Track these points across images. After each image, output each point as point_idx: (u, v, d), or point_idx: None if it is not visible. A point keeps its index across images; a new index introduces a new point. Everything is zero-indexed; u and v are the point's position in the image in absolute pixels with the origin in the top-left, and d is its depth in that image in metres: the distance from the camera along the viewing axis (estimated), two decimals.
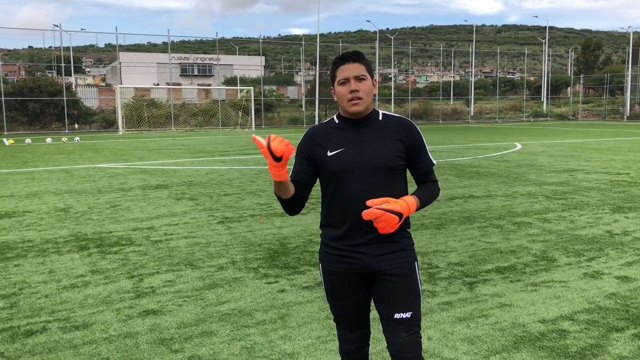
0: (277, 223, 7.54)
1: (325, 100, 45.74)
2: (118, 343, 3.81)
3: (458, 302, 4.54)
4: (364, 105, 2.45)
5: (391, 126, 2.52)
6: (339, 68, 2.45)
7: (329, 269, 2.57)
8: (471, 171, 13.22)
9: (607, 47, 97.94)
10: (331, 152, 2.47)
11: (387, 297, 2.47)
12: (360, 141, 2.47)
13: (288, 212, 2.62)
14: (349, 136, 2.49)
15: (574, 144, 21.90)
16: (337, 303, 2.61)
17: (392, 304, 2.46)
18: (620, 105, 54.42)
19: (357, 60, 2.45)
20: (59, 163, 16.34)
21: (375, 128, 2.51)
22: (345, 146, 2.47)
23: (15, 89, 37.32)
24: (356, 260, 2.48)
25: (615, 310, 4.32)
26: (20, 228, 7.50)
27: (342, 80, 2.44)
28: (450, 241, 6.54)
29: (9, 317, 4.32)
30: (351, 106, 2.44)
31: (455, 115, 52.29)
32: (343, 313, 2.62)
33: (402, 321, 2.45)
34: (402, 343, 2.43)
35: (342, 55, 2.49)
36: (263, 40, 55.68)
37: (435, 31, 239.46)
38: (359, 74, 2.43)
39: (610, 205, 8.74)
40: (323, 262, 2.61)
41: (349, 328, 2.65)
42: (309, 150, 2.54)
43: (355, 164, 2.44)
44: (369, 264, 2.47)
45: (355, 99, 2.43)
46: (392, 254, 2.48)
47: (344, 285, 2.55)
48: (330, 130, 2.54)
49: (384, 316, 2.50)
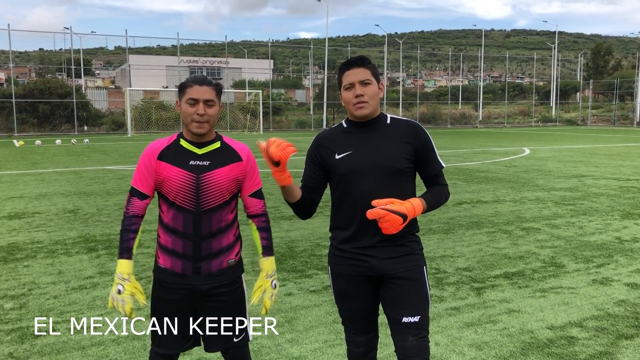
0: (285, 226, 7.54)
1: (334, 103, 45.78)
2: (126, 345, 3.83)
3: (466, 307, 4.52)
4: (369, 108, 2.48)
5: (399, 129, 2.54)
6: (345, 73, 2.50)
7: (337, 272, 2.59)
8: (479, 176, 13.18)
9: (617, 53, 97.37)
10: (339, 155, 2.51)
11: (395, 301, 2.48)
12: (368, 144, 2.50)
13: (299, 216, 2.66)
14: (356, 139, 2.52)
15: (583, 150, 21.78)
16: (345, 306, 2.62)
17: (400, 308, 2.46)
18: (630, 110, 54.11)
19: (362, 65, 2.49)
20: (69, 165, 16.45)
21: (383, 131, 2.53)
22: (353, 149, 2.50)
23: (25, 91, 37.67)
24: (365, 263, 2.49)
25: (624, 318, 4.28)
26: (29, 229, 7.55)
27: (348, 86, 2.49)
28: (458, 246, 6.52)
29: (18, 317, 4.35)
30: (356, 110, 2.48)
31: (463, 119, 52.18)
32: (351, 316, 2.63)
33: (410, 325, 2.44)
34: (410, 347, 2.42)
35: (347, 61, 2.53)
36: (272, 44, 55.78)
37: (444, 35, 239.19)
38: (364, 79, 2.47)
39: (619, 211, 8.68)
40: (332, 264, 2.62)
41: (357, 331, 2.64)
42: (317, 155, 2.58)
43: (363, 166, 2.47)
44: (377, 267, 2.48)
45: (361, 103, 2.47)
46: (401, 257, 2.49)
47: (353, 288, 2.55)
48: (339, 134, 2.58)
49: (392, 320, 2.50)
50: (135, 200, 2.52)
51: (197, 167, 2.49)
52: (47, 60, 66.12)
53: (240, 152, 2.59)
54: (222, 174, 2.51)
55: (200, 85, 2.46)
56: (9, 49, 38.75)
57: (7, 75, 50.75)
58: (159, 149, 2.53)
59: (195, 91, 2.45)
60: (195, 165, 2.49)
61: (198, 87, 2.45)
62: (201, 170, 2.49)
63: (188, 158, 2.50)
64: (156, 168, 2.50)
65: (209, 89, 2.47)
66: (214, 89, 2.49)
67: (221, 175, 2.51)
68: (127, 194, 2.59)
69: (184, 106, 2.47)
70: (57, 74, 56.02)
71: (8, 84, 41.84)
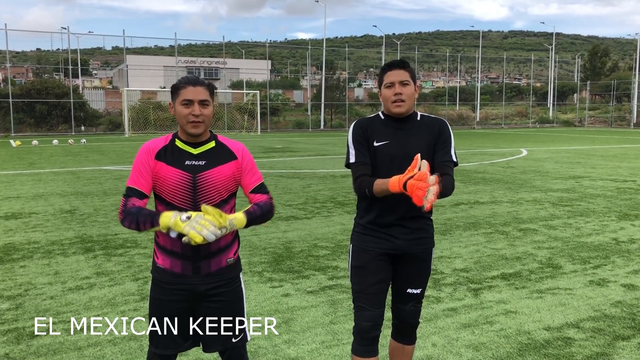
0: (282, 227, 7.54)
1: (331, 104, 45.79)
2: (122, 345, 3.82)
3: (463, 308, 4.53)
4: (405, 107, 2.76)
5: (428, 125, 2.84)
6: (387, 73, 2.77)
7: (362, 248, 2.83)
8: (477, 177, 13.20)
9: (614, 54, 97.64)
10: (378, 143, 2.78)
11: (406, 276, 2.85)
12: (402, 137, 2.79)
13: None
14: (392, 131, 2.80)
15: (580, 151, 21.83)
16: (362, 279, 2.82)
17: (408, 282, 2.85)
18: (626, 112, 54.23)
19: (403, 68, 2.77)
20: (65, 165, 16.42)
21: (415, 126, 2.82)
22: (389, 139, 2.78)
23: (22, 91, 37.59)
24: (389, 242, 2.78)
25: (621, 319, 4.29)
26: (26, 229, 7.53)
27: (388, 84, 2.75)
28: (455, 247, 6.52)
29: (15, 318, 4.34)
30: (395, 107, 2.75)
31: (461, 120, 52.22)
32: (366, 289, 2.81)
33: (412, 295, 2.87)
34: (408, 311, 2.88)
35: (390, 63, 2.82)
36: (269, 44, 55.72)
37: (442, 36, 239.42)
38: (403, 79, 2.74)
39: (616, 212, 8.70)
40: (356, 242, 2.86)
41: (368, 303, 2.81)
42: (364, 138, 2.80)
43: (396, 155, 2.74)
44: (400, 246, 2.78)
45: (399, 101, 2.74)
46: (420, 239, 2.82)
47: (373, 263, 2.79)
48: (377, 124, 2.84)
49: (396, 288, 2.89)
50: (134, 199, 2.45)
51: (193, 167, 2.49)
52: (45, 60, 66.00)
53: (235, 150, 2.60)
54: (218, 173, 2.52)
55: (194, 86, 2.46)
56: (6, 48, 38.73)
57: (4, 75, 50.68)
58: (156, 148, 2.52)
59: (189, 92, 2.45)
60: (191, 165, 2.49)
61: (192, 88, 2.45)
62: (197, 170, 2.49)
63: (184, 158, 2.50)
64: (153, 167, 2.49)
65: (202, 89, 2.47)
66: (207, 88, 2.50)
67: (217, 174, 2.51)
68: (122, 199, 2.49)
69: (179, 108, 2.47)
70: (55, 74, 55.91)
71: (5, 84, 41.82)
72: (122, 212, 2.45)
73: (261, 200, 2.59)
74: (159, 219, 2.34)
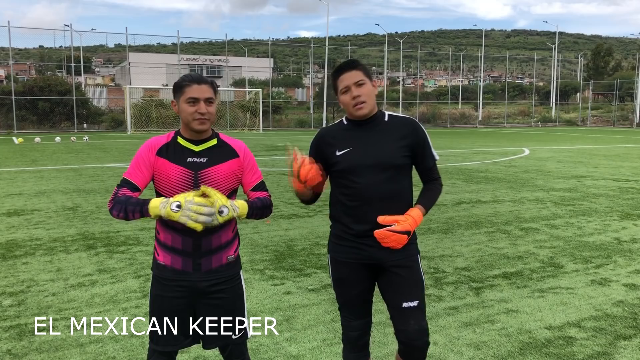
0: (284, 225, 7.54)
1: (334, 102, 45.76)
2: (124, 342, 3.82)
3: (464, 307, 4.53)
4: (368, 107, 2.61)
5: (397, 126, 2.67)
6: (339, 78, 2.63)
7: (338, 259, 2.73)
8: (479, 176, 13.19)
9: (618, 53, 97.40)
10: (340, 152, 2.64)
11: (394, 288, 2.65)
12: (367, 141, 2.63)
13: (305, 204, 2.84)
14: (356, 137, 2.65)
15: (583, 150, 21.79)
16: (343, 291, 2.76)
17: (399, 294, 2.63)
18: (629, 111, 54.12)
19: (354, 68, 2.62)
20: (68, 162, 16.44)
21: (382, 128, 2.66)
22: (352, 146, 2.63)
23: (25, 88, 37.62)
24: (364, 252, 2.64)
25: (622, 318, 4.29)
26: (28, 226, 7.55)
27: (344, 89, 2.62)
28: (457, 246, 6.52)
29: (17, 314, 4.35)
30: (357, 111, 2.61)
31: (463, 119, 52.18)
32: (349, 301, 2.77)
33: (410, 310, 2.61)
34: (412, 331, 2.60)
35: (339, 66, 2.66)
36: (272, 43, 55.77)
37: (444, 35, 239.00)
38: (358, 80, 2.59)
39: (618, 212, 8.69)
40: (332, 252, 2.77)
41: (354, 315, 2.78)
42: (319, 151, 2.70)
43: (362, 162, 2.60)
44: (375, 256, 2.63)
45: (359, 104, 2.60)
46: (398, 249, 2.63)
47: (352, 275, 2.70)
48: (339, 131, 2.72)
49: (392, 305, 2.67)
50: (125, 190, 2.47)
51: (195, 164, 2.51)
52: (47, 57, 65.99)
53: (237, 148, 2.61)
54: (219, 170, 2.53)
55: (199, 85, 2.47)
56: (8, 45, 38.78)
57: (6, 72, 50.70)
58: (157, 145, 2.53)
59: (194, 90, 2.46)
60: (193, 162, 2.51)
61: (197, 86, 2.47)
62: (199, 167, 2.51)
63: (186, 155, 2.51)
64: (154, 163, 2.50)
65: (207, 87, 2.49)
66: (211, 86, 2.52)
67: (219, 172, 2.52)
68: (114, 188, 2.53)
69: (184, 105, 2.48)
70: (57, 72, 55.99)
71: (8, 81, 41.81)
72: (112, 201, 2.49)
73: (261, 196, 2.64)
74: (149, 208, 2.37)
